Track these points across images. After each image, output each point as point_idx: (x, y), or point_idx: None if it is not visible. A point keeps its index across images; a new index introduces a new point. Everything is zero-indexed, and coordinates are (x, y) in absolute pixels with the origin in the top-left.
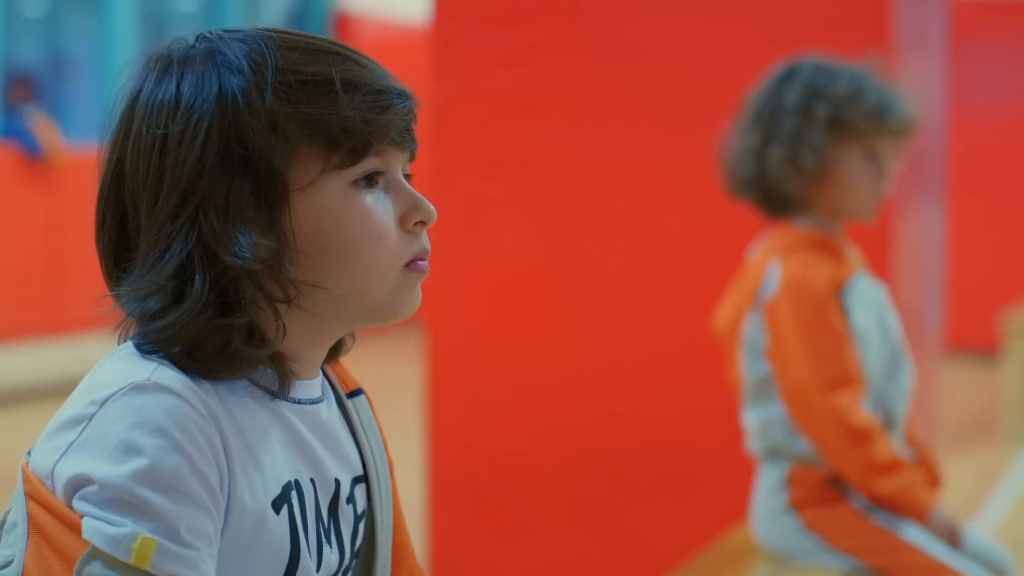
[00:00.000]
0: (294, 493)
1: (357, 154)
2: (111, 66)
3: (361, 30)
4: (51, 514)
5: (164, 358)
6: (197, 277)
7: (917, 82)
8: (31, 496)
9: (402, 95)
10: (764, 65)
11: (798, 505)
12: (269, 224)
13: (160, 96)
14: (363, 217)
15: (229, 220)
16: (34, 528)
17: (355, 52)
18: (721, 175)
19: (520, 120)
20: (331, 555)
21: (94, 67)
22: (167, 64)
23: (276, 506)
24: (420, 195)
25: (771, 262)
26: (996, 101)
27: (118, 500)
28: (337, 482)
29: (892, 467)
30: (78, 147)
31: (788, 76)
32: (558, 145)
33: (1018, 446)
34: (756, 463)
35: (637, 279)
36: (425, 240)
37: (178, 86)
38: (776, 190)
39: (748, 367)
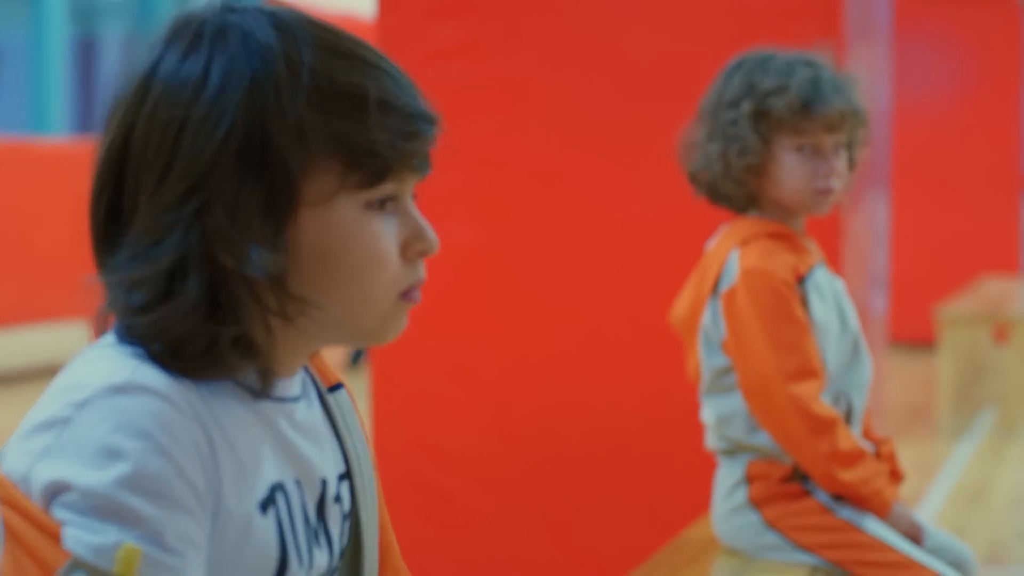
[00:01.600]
0: (280, 495)
1: (377, 177)
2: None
3: None
4: (28, 521)
5: (145, 353)
6: (192, 278)
7: (865, 74)
8: (5, 502)
9: (431, 121)
10: (716, 57)
11: (758, 502)
12: (274, 234)
13: (185, 72)
14: (371, 242)
15: (236, 222)
16: (10, 536)
17: (391, 65)
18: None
19: (468, 113)
20: (320, 556)
21: (24, 58)
22: (196, 38)
23: (262, 509)
24: (425, 224)
25: (731, 253)
26: (932, 94)
27: (101, 507)
28: (324, 481)
29: (855, 457)
30: (7, 137)
31: (733, 71)
32: (506, 138)
33: (952, 438)
34: (715, 460)
35: (589, 272)
36: (422, 271)
37: (207, 65)
38: (716, 186)
39: (706, 359)
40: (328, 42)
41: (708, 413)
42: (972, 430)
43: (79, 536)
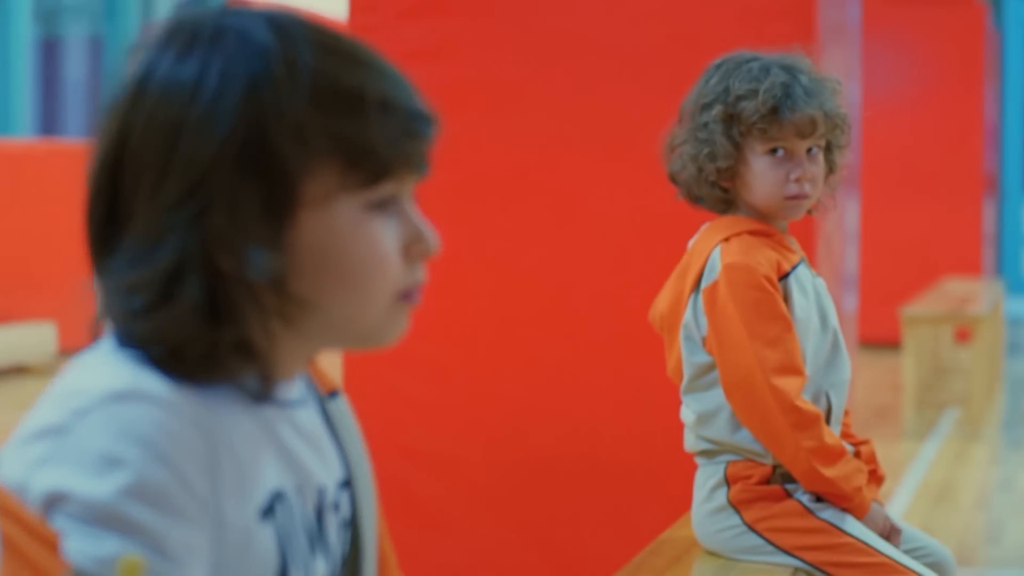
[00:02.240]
0: (280, 503)
1: (377, 177)
2: (5, 58)
3: None
4: (26, 531)
5: (144, 358)
6: (191, 280)
7: (838, 75)
8: (3, 513)
9: (429, 121)
10: (691, 58)
11: (739, 504)
12: (274, 235)
13: (182, 74)
14: (371, 243)
15: (236, 224)
16: (7, 546)
17: (388, 65)
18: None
19: (440, 114)
20: (320, 565)
21: None
22: (192, 39)
23: (262, 517)
24: (426, 225)
25: (713, 249)
26: (894, 95)
27: (102, 517)
28: (323, 489)
29: (838, 454)
30: None
31: (712, 72)
32: (479, 138)
33: (917, 438)
34: (695, 462)
35: (566, 272)
36: (423, 272)
37: (203, 67)
38: (691, 187)
39: (688, 356)
40: (326, 42)
41: (688, 412)
42: (936, 430)
43: (80, 546)
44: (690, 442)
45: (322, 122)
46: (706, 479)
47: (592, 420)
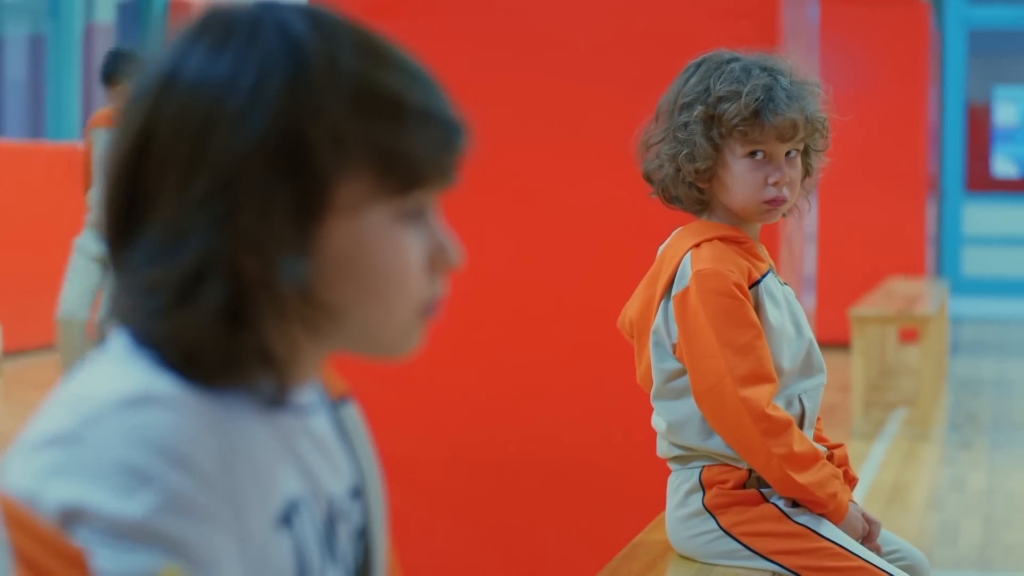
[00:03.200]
0: (295, 512)
1: (410, 186)
2: None
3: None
4: (40, 544)
5: (158, 360)
6: (214, 281)
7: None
8: (13, 524)
9: (463, 130)
10: (654, 57)
11: (714, 508)
12: (302, 240)
13: (216, 67)
14: (399, 254)
15: (265, 226)
16: (21, 559)
17: (426, 72)
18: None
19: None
20: (334, 575)
21: None
22: (226, 32)
23: (279, 526)
24: (450, 238)
25: (684, 255)
26: (838, 95)
27: (133, 533)
28: (333, 497)
29: (811, 460)
30: None
31: (692, 71)
32: None
33: (866, 439)
34: (668, 467)
35: (535, 276)
36: (444, 285)
37: (240, 61)
38: (667, 187)
39: (657, 363)
40: (367, 44)
41: (659, 419)
42: (885, 430)
43: (112, 562)
44: (663, 448)
45: (360, 126)
46: (680, 484)
47: (561, 425)
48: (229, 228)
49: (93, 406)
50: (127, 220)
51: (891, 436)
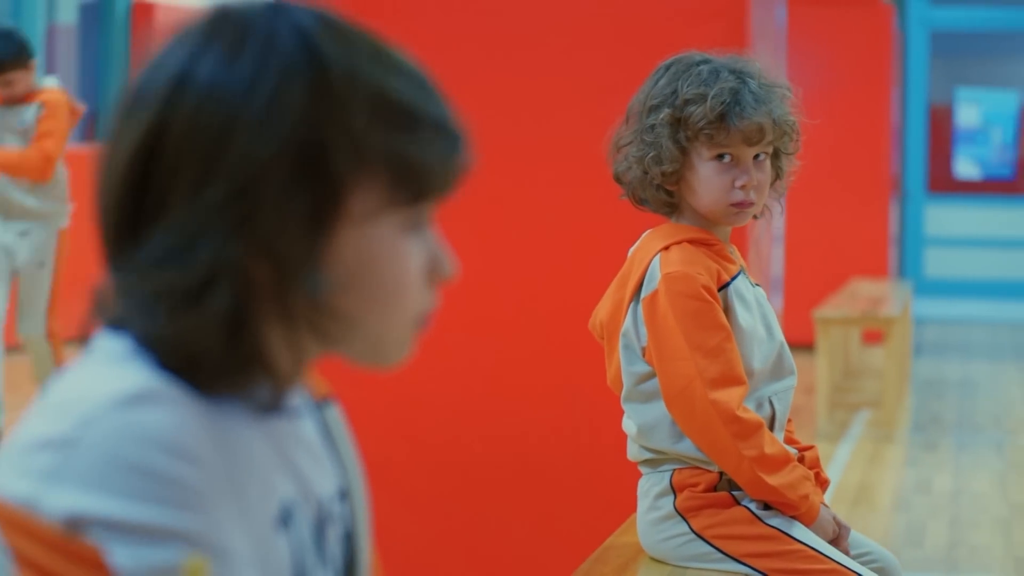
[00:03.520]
0: (290, 515)
1: (420, 197)
2: None
3: (163, 17)
4: (46, 547)
5: (152, 360)
6: (224, 287)
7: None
8: (12, 529)
9: (466, 140)
10: (623, 58)
11: (686, 511)
12: (315, 248)
13: (235, 73)
14: (404, 266)
15: (280, 233)
16: (24, 564)
17: (430, 79)
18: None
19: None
20: None
21: None
22: (241, 35)
23: (277, 528)
24: (447, 250)
25: (654, 258)
26: (806, 98)
27: (150, 532)
28: (323, 499)
29: (782, 462)
30: None
31: (662, 72)
32: None
33: (832, 440)
34: (638, 470)
35: (505, 277)
36: (437, 297)
37: (259, 68)
38: (636, 189)
39: (627, 366)
40: (380, 52)
41: (629, 422)
42: (849, 432)
43: (134, 556)
44: (633, 452)
45: (378, 136)
46: (650, 487)
47: (532, 427)
48: (244, 234)
49: (87, 407)
50: (131, 221)
51: (856, 437)
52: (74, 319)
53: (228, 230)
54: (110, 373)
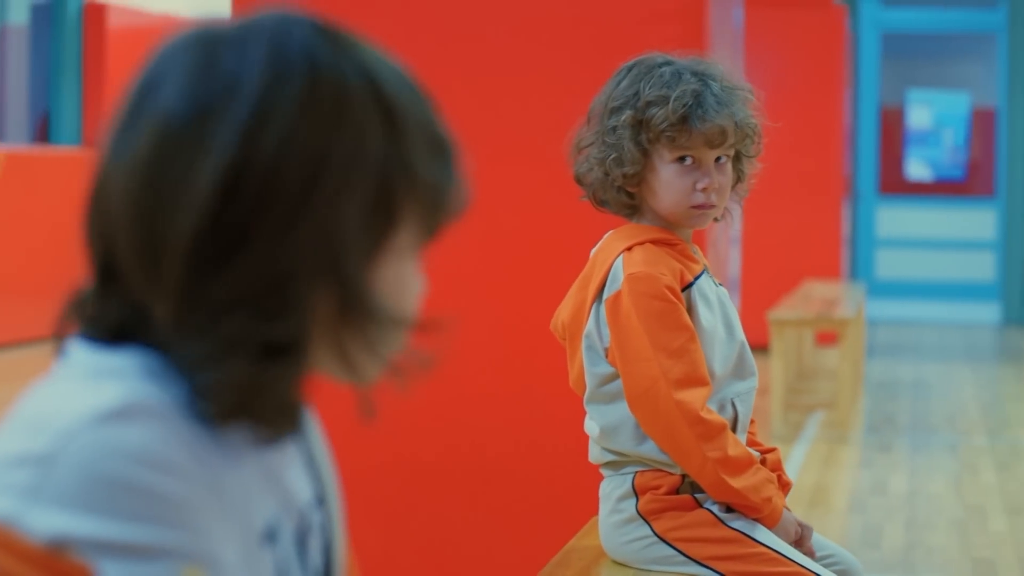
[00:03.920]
0: (278, 529)
1: (440, 226)
2: None
3: (115, 19)
4: (35, 566)
5: (192, 394)
6: (306, 338)
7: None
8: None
9: (466, 171)
10: (581, 59)
11: (648, 514)
12: (371, 283)
13: (318, 120)
14: (414, 294)
15: (358, 272)
16: None
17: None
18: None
19: None
20: None
21: None
22: (314, 79)
23: (262, 543)
24: (423, 274)
25: (616, 258)
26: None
27: (143, 551)
28: (303, 509)
29: (746, 464)
30: None
31: (624, 74)
32: None
33: (786, 442)
34: (600, 473)
35: (465, 277)
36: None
37: (339, 109)
38: (597, 191)
39: (590, 367)
40: (417, 88)
41: (592, 424)
42: (804, 433)
43: (127, 573)
44: (595, 454)
45: (427, 171)
46: (612, 489)
47: (493, 429)
48: (327, 277)
49: (65, 422)
50: (209, 256)
51: (810, 439)
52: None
53: (315, 271)
54: (88, 387)
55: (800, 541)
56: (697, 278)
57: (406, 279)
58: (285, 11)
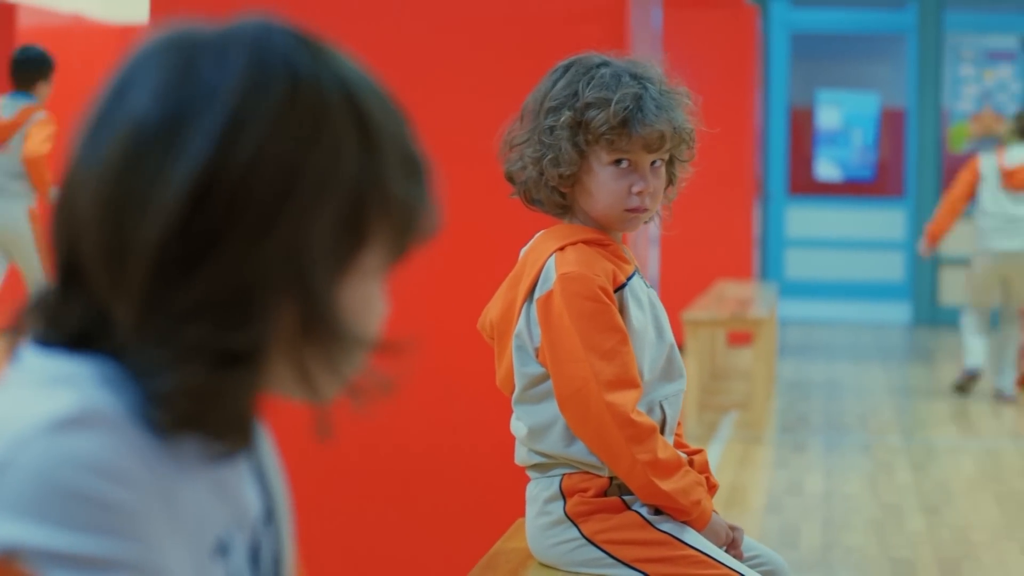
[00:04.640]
0: (230, 542)
1: (408, 247)
2: None
3: (25, 19)
4: None
5: (146, 402)
6: (267, 347)
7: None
8: None
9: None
10: (499, 58)
11: (576, 516)
12: (336, 299)
13: (291, 130)
14: (377, 314)
15: (325, 287)
16: None
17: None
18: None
19: None
20: None
21: None
22: (293, 85)
23: (213, 557)
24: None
25: (548, 258)
26: None
27: (84, 560)
28: (255, 523)
29: (675, 467)
30: None
31: (561, 73)
32: None
33: (700, 441)
34: (526, 475)
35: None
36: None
37: (316, 118)
38: (529, 189)
39: (520, 367)
40: (390, 103)
41: (519, 425)
42: (718, 434)
43: None
44: (521, 455)
45: (397, 191)
46: (540, 492)
47: (416, 429)
48: (292, 290)
49: (17, 430)
50: (175, 261)
51: (725, 439)
52: None
53: (281, 284)
54: (42, 394)
55: (733, 544)
56: (629, 279)
57: (370, 299)
58: (266, 18)
